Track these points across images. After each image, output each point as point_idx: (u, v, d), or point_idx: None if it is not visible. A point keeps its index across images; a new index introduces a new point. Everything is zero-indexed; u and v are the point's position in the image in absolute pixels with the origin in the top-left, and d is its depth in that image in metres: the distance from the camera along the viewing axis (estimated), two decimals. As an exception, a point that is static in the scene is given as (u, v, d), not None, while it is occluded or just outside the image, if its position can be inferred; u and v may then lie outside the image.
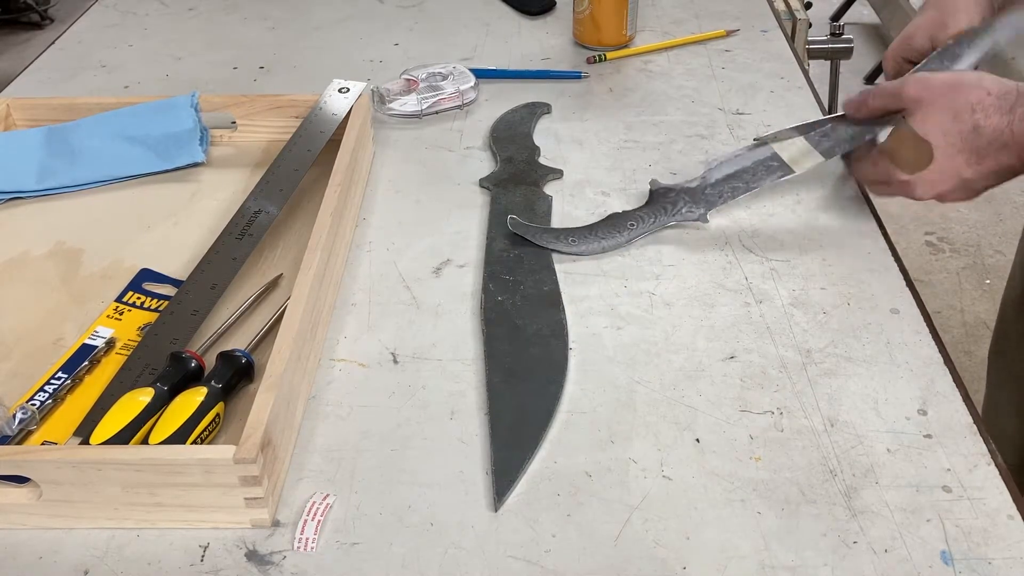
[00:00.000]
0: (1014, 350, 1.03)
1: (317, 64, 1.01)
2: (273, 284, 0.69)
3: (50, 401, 0.59)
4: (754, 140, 0.77)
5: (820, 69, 1.37)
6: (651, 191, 0.75)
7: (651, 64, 0.99)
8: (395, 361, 0.63)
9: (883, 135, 0.72)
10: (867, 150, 0.72)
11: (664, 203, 0.74)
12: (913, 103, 0.66)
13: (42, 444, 0.57)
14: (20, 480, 0.52)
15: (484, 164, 0.83)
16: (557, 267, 0.70)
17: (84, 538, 0.52)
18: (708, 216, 0.73)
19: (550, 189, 0.80)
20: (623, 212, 0.74)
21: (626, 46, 1.02)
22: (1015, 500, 0.52)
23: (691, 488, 0.53)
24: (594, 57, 1.00)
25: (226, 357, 0.59)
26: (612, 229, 0.73)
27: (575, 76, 0.97)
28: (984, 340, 1.10)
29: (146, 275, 0.70)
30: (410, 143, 0.87)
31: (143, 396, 0.56)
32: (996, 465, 0.54)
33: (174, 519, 0.52)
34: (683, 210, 0.73)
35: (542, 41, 1.05)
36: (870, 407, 0.58)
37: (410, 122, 0.90)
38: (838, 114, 0.74)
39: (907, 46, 0.78)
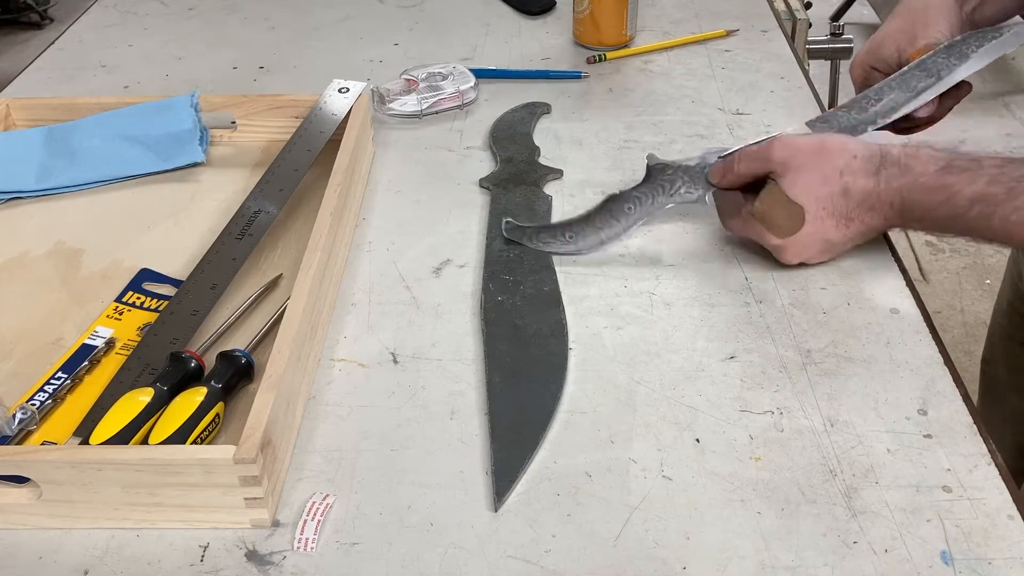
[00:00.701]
0: (1000, 360, 1.04)
1: (317, 64, 1.01)
2: (273, 284, 0.69)
3: (50, 401, 0.59)
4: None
5: (820, 69, 1.37)
6: (648, 167, 0.72)
7: (651, 64, 0.99)
8: (395, 361, 0.63)
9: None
10: (735, 206, 0.70)
11: (662, 181, 0.71)
12: (780, 167, 0.66)
13: (42, 444, 0.56)
14: (20, 480, 0.52)
15: (484, 164, 0.83)
16: (557, 267, 0.70)
17: (84, 538, 0.52)
18: (708, 198, 0.71)
19: (550, 189, 0.80)
20: (620, 193, 0.71)
21: (626, 46, 1.02)
22: (1015, 500, 0.52)
23: (691, 488, 0.53)
24: (594, 57, 1.00)
25: (226, 357, 0.59)
26: (610, 217, 0.71)
27: (575, 76, 0.97)
28: (984, 340, 1.11)
29: (146, 275, 0.70)
30: (410, 143, 0.87)
31: (143, 396, 0.56)
32: (996, 465, 0.54)
33: (174, 519, 0.52)
34: (681, 190, 0.71)
35: (542, 41, 1.05)
36: (870, 407, 0.58)
37: (410, 122, 0.90)
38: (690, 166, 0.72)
39: (875, 55, 0.77)
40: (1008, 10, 0.81)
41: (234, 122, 0.82)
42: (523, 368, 0.61)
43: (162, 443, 0.53)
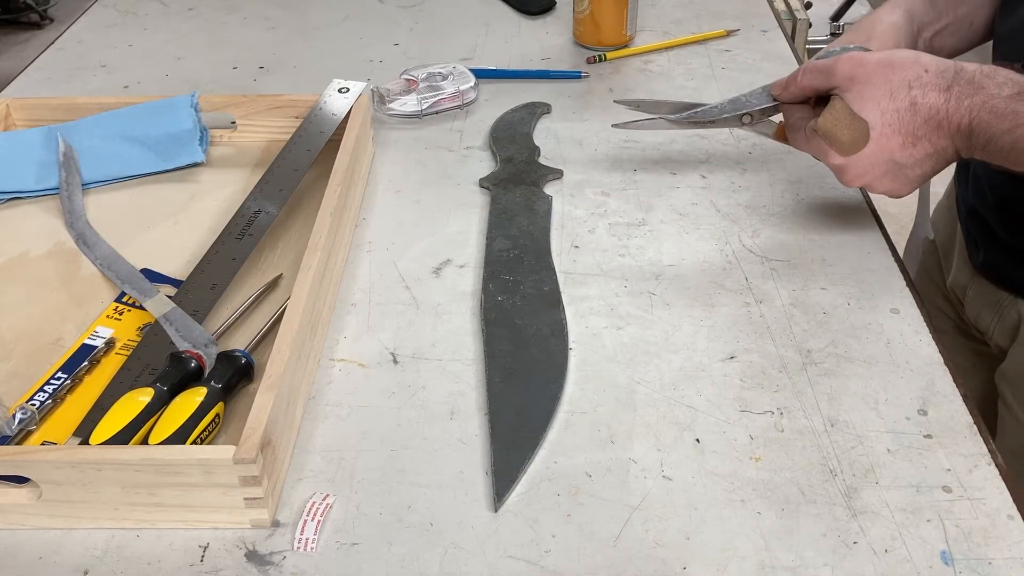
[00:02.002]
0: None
1: (317, 64, 1.01)
2: (273, 284, 0.69)
3: (50, 401, 0.59)
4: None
5: (820, 69, 1.36)
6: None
7: (651, 64, 0.99)
8: (395, 361, 0.63)
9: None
10: (801, 120, 0.68)
11: (738, 98, 0.72)
12: (846, 81, 0.63)
13: (42, 444, 0.56)
14: (20, 480, 0.52)
15: (484, 164, 0.83)
16: (557, 267, 0.70)
17: (84, 538, 0.52)
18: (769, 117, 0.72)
19: (550, 189, 0.80)
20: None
21: (626, 46, 1.02)
22: (1015, 500, 0.52)
23: (691, 488, 0.53)
24: (594, 57, 1.00)
25: (226, 357, 0.59)
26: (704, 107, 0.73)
27: (575, 76, 0.97)
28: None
29: (146, 275, 0.70)
30: (410, 143, 0.87)
31: (143, 396, 0.56)
32: (996, 465, 0.54)
33: (174, 519, 0.52)
34: (752, 102, 0.72)
35: (542, 41, 1.05)
36: (870, 407, 0.58)
37: (410, 122, 0.90)
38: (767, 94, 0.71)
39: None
40: (963, 44, 0.80)
41: (234, 122, 0.82)
42: (523, 368, 0.61)
43: (162, 443, 0.53)
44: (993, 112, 0.59)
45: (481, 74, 0.95)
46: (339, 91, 0.83)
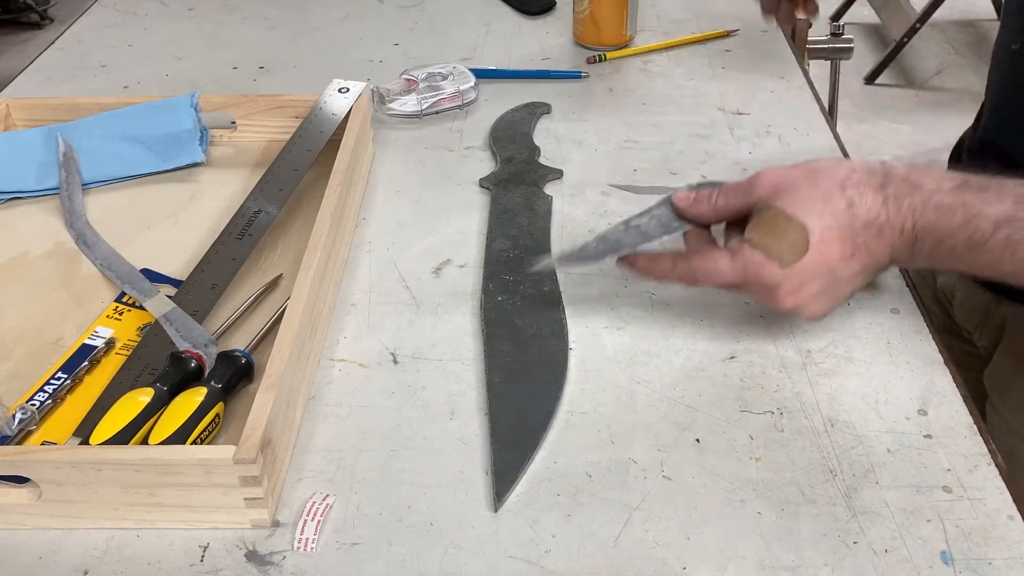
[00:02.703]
0: None
1: (317, 64, 1.01)
2: (273, 284, 0.69)
3: (50, 401, 0.59)
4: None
5: (820, 69, 1.36)
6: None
7: (651, 64, 0.99)
8: (395, 361, 0.63)
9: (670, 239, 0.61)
10: (707, 242, 0.61)
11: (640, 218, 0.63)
12: (772, 193, 0.56)
13: (42, 444, 0.56)
14: (20, 480, 0.52)
15: (484, 164, 0.83)
16: (557, 267, 0.70)
17: (84, 538, 0.52)
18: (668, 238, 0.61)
19: (550, 189, 0.80)
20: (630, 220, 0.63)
21: (626, 46, 1.02)
22: (1015, 500, 0.52)
23: (691, 488, 0.53)
24: (594, 57, 1.00)
25: (226, 357, 0.59)
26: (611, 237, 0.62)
27: (575, 76, 0.97)
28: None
29: (146, 275, 0.70)
30: (410, 143, 0.87)
31: (143, 396, 0.56)
32: (996, 465, 0.54)
33: (174, 519, 0.52)
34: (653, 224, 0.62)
35: (542, 41, 1.05)
36: (870, 407, 0.58)
37: (410, 122, 0.90)
38: (661, 200, 0.62)
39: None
40: None
41: (234, 122, 0.82)
42: (523, 368, 0.61)
43: (162, 443, 0.53)
44: (939, 208, 0.53)
45: (481, 74, 0.95)
46: (339, 91, 0.83)
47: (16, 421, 0.56)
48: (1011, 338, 0.77)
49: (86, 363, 0.61)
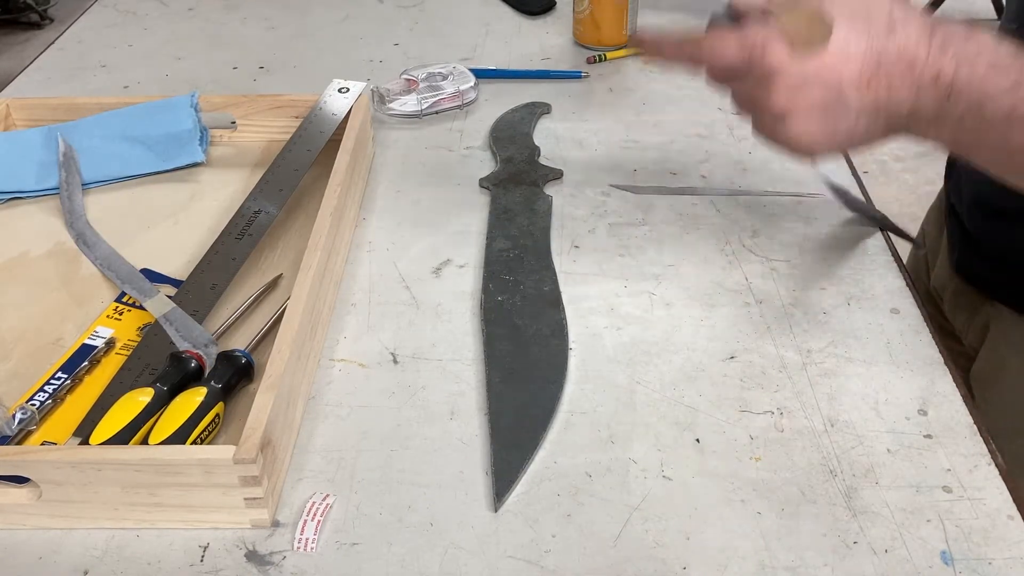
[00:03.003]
0: None
1: (317, 64, 1.01)
2: (273, 284, 0.69)
3: (50, 401, 0.59)
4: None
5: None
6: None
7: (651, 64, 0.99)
8: (395, 361, 0.63)
9: None
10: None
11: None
12: None
13: (42, 444, 0.56)
14: (20, 480, 0.52)
15: (484, 164, 0.83)
16: (557, 267, 0.70)
17: (84, 538, 0.52)
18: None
19: (550, 189, 0.80)
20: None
21: (626, 46, 1.02)
22: (1015, 500, 0.52)
23: (691, 488, 0.53)
24: (594, 57, 1.00)
25: (226, 357, 0.59)
26: None
27: (575, 76, 0.97)
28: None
29: (146, 275, 0.70)
30: (410, 143, 0.87)
31: (143, 396, 0.56)
32: (996, 465, 0.54)
33: (174, 519, 0.52)
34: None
35: (542, 41, 1.05)
36: (870, 407, 0.58)
37: (410, 122, 0.90)
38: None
39: None
40: None
41: (234, 122, 0.82)
42: (523, 368, 0.61)
43: (162, 443, 0.53)
44: (992, 66, 0.47)
45: (481, 74, 0.95)
46: (339, 91, 0.83)
47: (16, 421, 0.56)
48: (994, 338, 0.77)
49: (86, 363, 0.61)
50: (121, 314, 0.66)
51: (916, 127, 0.50)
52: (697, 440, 0.56)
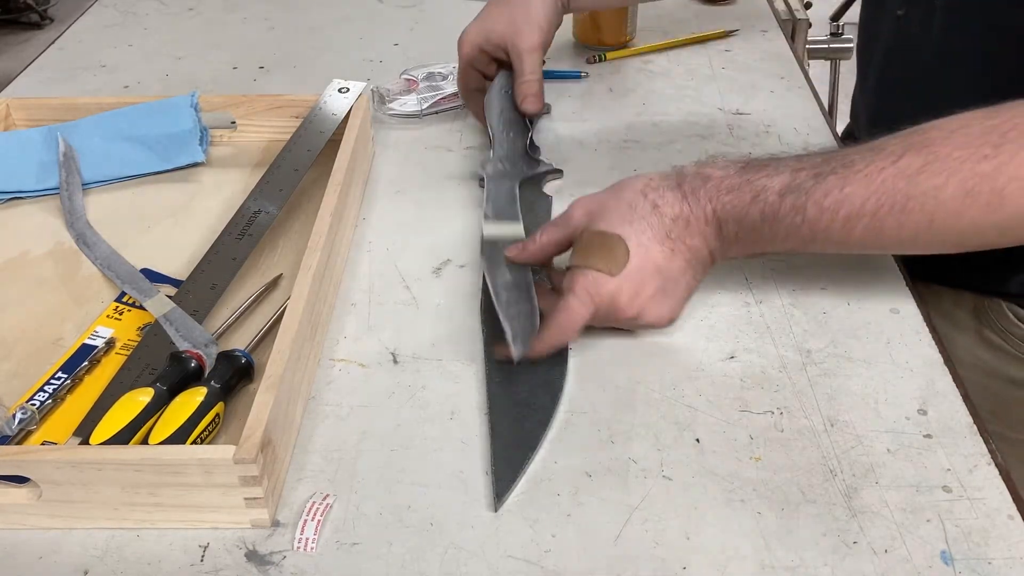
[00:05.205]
0: None
1: (317, 64, 1.01)
2: (273, 284, 0.69)
3: (50, 401, 0.59)
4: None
5: (820, 69, 1.36)
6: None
7: (651, 64, 0.99)
8: (395, 361, 0.63)
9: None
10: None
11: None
12: (585, 218, 0.62)
13: (42, 444, 0.56)
14: (20, 480, 0.52)
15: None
16: (557, 267, 0.70)
17: (84, 538, 0.52)
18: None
19: (550, 189, 0.80)
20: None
21: (626, 46, 1.02)
22: (1015, 500, 0.52)
23: (691, 488, 0.53)
24: (594, 57, 1.00)
25: (226, 357, 0.59)
26: None
27: (575, 76, 0.97)
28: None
29: (146, 275, 0.70)
30: (410, 143, 0.87)
31: (143, 396, 0.56)
32: (996, 465, 0.54)
33: (174, 519, 0.52)
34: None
35: (542, 41, 1.05)
36: (870, 407, 0.58)
37: (410, 122, 0.90)
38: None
39: (486, 38, 0.82)
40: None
41: (234, 122, 0.82)
42: (523, 368, 0.61)
43: (162, 443, 0.53)
44: (730, 191, 0.59)
45: (481, 74, 0.95)
46: (339, 91, 0.83)
47: (16, 421, 0.56)
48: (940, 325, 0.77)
49: (86, 363, 0.61)
50: (121, 314, 0.66)
51: (729, 254, 0.62)
52: (697, 440, 0.56)
